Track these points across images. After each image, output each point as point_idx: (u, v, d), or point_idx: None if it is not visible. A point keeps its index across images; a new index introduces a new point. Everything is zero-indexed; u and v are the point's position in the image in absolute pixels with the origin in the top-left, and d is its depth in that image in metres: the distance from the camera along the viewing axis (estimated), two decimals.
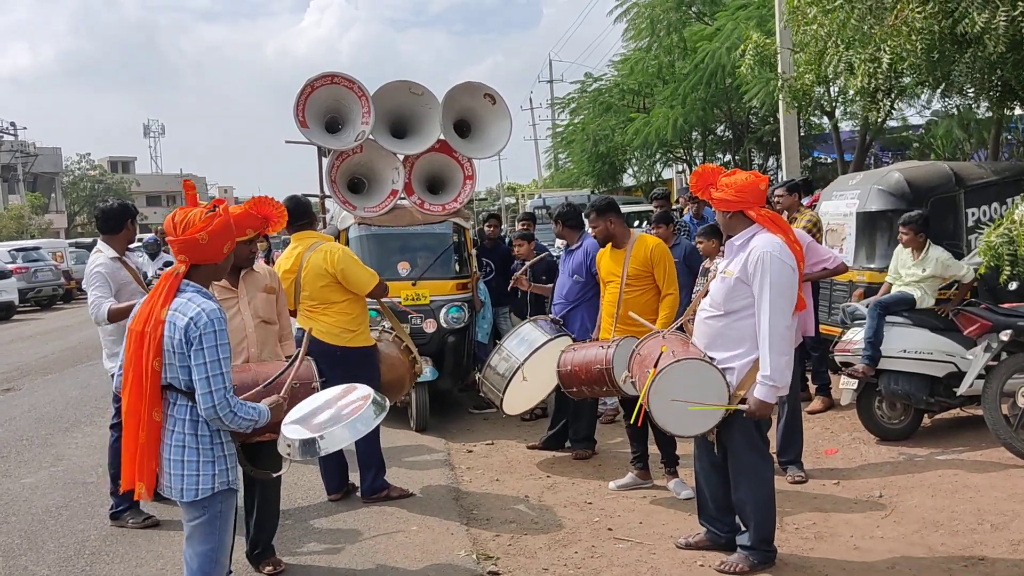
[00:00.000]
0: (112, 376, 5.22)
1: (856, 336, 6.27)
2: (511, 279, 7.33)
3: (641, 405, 4.12)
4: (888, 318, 6.25)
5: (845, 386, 6.40)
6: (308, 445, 3.51)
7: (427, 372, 6.88)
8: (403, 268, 7.46)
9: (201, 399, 3.04)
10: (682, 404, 3.92)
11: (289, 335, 4.94)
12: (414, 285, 7.28)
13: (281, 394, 3.47)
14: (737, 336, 4.07)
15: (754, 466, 4.17)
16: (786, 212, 7.40)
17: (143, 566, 4.66)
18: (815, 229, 7.14)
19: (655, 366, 4.00)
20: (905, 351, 6.13)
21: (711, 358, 4.10)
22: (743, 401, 4.02)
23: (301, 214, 5.43)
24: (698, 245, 6.70)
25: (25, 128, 49.95)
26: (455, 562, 4.53)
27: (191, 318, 3.01)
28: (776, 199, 7.06)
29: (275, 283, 4.83)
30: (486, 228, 8.98)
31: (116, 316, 5.02)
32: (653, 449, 5.65)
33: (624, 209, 9.05)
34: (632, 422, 4.23)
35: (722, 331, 4.10)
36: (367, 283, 5.34)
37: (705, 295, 4.32)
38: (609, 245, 5.64)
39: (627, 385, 4.78)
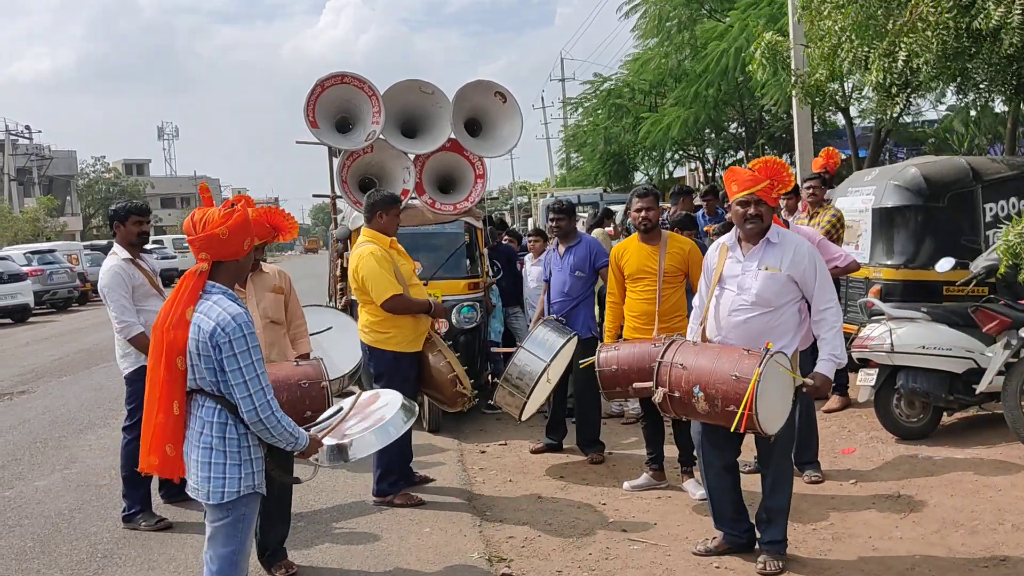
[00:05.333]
0: (126, 377, 5.24)
1: (873, 332, 6.20)
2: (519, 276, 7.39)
3: (742, 415, 3.95)
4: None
5: (862, 382, 6.33)
6: (337, 451, 3.49)
7: None
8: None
9: (242, 404, 3.02)
10: (771, 401, 3.98)
11: (303, 334, 4.98)
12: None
13: (321, 436, 3.45)
14: (785, 328, 4.23)
15: (789, 469, 4.34)
16: (810, 206, 7.36)
17: (155, 569, 4.65)
18: (839, 224, 7.06)
19: (760, 366, 3.91)
20: (924, 347, 6.04)
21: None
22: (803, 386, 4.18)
23: (366, 209, 5.60)
24: (715, 238, 6.68)
25: (40, 131, 50.21)
26: (468, 563, 4.49)
27: (217, 323, 2.98)
28: (809, 189, 7.14)
29: (284, 283, 4.83)
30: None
31: (141, 346, 4.98)
32: (667, 450, 5.60)
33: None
34: (732, 430, 4.12)
35: (771, 325, 4.20)
36: (381, 293, 5.29)
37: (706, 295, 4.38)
38: (635, 240, 5.63)
39: (653, 394, 4.37)
